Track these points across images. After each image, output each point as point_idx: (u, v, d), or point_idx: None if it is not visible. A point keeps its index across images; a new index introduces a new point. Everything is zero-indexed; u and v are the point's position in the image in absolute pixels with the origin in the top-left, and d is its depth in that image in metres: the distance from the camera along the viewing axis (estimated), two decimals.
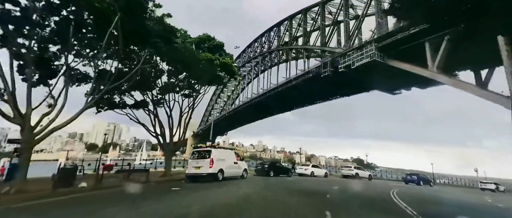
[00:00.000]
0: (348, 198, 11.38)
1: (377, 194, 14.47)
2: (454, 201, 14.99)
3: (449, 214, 9.19)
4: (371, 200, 11.51)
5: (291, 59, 56.47)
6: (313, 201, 9.10)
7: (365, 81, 37.33)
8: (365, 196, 12.86)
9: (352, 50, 34.16)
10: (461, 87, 23.64)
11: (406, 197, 12.36)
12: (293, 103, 59.72)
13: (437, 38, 24.86)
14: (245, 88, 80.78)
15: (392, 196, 12.60)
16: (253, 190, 11.54)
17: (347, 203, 9.66)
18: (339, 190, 14.23)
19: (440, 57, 24.77)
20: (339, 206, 8.38)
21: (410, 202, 10.09)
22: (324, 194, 11.61)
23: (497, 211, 12.12)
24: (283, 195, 10.39)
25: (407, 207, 8.75)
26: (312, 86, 45.52)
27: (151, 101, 19.41)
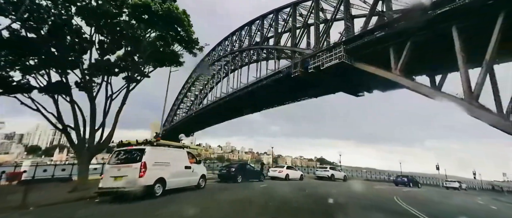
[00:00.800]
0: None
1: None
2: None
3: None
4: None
5: (262, 60, 55.98)
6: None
7: (332, 83, 38.24)
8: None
9: (321, 52, 34.56)
10: (420, 90, 25.05)
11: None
12: (263, 104, 59.17)
13: (401, 43, 26.17)
14: (214, 87, 78.09)
15: (399, 202, 12.13)
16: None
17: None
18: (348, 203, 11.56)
19: (402, 61, 26.04)
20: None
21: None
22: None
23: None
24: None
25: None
26: (282, 86, 45.32)
27: (77, 85, 14.25)
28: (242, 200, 10.05)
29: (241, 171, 18.60)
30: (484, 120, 21.04)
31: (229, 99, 59.03)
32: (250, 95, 53.01)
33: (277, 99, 54.75)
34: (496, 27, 18.94)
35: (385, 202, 12.79)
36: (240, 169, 18.78)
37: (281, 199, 11.06)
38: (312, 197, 12.63)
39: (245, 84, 54.05)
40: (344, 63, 31.06)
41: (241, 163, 22.85)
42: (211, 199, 10.13)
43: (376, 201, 13.29)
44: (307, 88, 44.22)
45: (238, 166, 19.42)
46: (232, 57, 69.14)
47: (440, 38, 24.10)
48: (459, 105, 21.65)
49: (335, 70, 33.31)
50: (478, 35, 20.95)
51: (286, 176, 22.35)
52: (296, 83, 41.41)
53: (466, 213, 11.91)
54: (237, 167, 18.99)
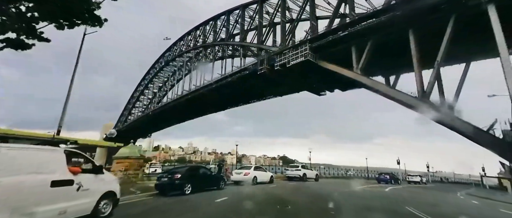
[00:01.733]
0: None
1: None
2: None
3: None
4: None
5: (227, 57, 54.14)
6: None
7: (297, 82, 38.48)
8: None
9: (287, 49, 34.37)
10: (378, 88, 26.29)
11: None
12: (228, 102, 57.24)
13: (362, 42, 27.22)
14: (175, 85, 73.16)
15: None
16: None
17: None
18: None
19: (363, 60, 27.07)
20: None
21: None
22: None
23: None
24: None
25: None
26: (247, 84, 44.16)
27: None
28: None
29: (191, 178, 12.62)
30: (433, 116, 22.82)
31: (191, 97, 55.61)
32: (214, 93, 50.64)
33: (243, 97, 53.49)
34: (448, 30, 20.68)
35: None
36: (189, 175, 12.70)
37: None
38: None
39: (209, 81, 51.49)
40: (309, 61, 31.31)
41: (191, 167, 15.21)
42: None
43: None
44: (273, 87, 43.96)
45: (186, 170, 13.08)
46: (195, 53, 65.64)
47: (397, 41, 25.76)
48: (412, 103, 23.18)
49: (301, 68, 33.48)
50: (431, 39, 22.69)
51: (254, 179, 17.27)
52: (262, 81, 40.70)
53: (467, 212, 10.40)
54: (184, 172, 12.65)
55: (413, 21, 22.63)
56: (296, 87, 41.89)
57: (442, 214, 9.35)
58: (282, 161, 65.69)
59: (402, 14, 22.91)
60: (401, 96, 24.28)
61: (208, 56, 60.73)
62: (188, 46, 68.05)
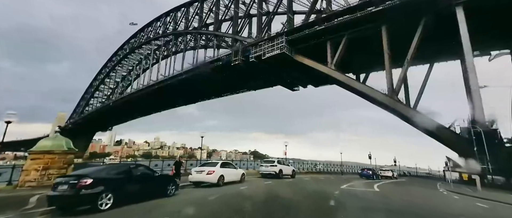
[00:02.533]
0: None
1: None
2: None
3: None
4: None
5: (199, 47, 51.12)
6: None
7: (272, 75, 37.69)
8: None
9: (263, 41, 33.28)
10: (351, 84, 26.60)
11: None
12: (199, 95, 54.43)
13: (337, 38, 27.24)
14: (142, 74, 67.70)
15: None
16: None
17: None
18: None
19: (338, 56, 27.13)
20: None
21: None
22: None
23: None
24: None
25: None
26: (220, 76, 42.15)
27: None
28: None
29: (114, 183, 7.44)
30: (398, 113, 23.64)
31: (158, 88, 51.67)
32: (185, 84, 47.58)
33: (215, 90, 51.22)
34: (418, 30, 21.39)
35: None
36: (111, 178, 7.53)
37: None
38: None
39: (179, 71, 48.21)
40: (285, 54, 30.61)
41: (115, 165, 9.73)
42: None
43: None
44: (247, 80, 42.65)
45: (105, 171, 7.92)
46: (165, 41, 61.20)
47: (369, 40, 26.23)
48: (382, 99, 23.79)
49: (276, 61, 32.68)
50: (401, 40, 23.33)
51: (220, 179, 12.56)
52: (236, 73, 39.09)
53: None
54: (100, 174, 7.46)
55: (386, 17, 23.06)
56: (270, 81, 41.13)
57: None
58: (253, 156, 64.86)
59: (376, 11, 23.17)
60: (372, 93, 24.78)
61: (179, 45, 57.01)
62: (156, 33, 63.16)
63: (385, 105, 25.52)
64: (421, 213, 7.37)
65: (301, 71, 34.96)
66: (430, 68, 28.19)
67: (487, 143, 16.84)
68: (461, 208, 8.68)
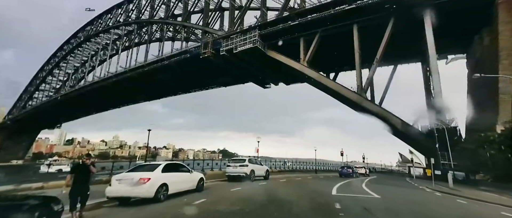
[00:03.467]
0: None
1: None
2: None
3: None
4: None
5: (166, 39, 47.15)
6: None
7: (243, 71, 36.12)
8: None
9: (235, 34, 31.55)
10: (322, 81, 26.43)
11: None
12: (164, 90, 50.32)
13: (311, 34, 26.81)
14: (98, 66, 60.53)
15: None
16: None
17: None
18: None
19: (310, 52, 26.72)
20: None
21: None
22: None
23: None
24: None
25: None
26: (188, 70, 39.24)
27: None
28: None
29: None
30: (366, 109, 23.96)
31: (117, 81, 46.35)
32: (148, 77, 43.36)
33: (182, 85, 47.75)
34: (388, 29, 21.77)
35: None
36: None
37: None
38: None
39: (141, 63, 43.77)
40: (257, 49, 29.29)
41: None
42: None
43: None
44: (217, 75, 40.35)
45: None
46: (126, 31, 55.45)
47: (340, 40, 26.31)
48: (351, 96, 23.92)
49: (248, 56, 31.20)
50: (370, 42, 23.64)
51: (161, 190, 7.38)
52: (204, 67, 36.62)
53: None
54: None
55: (357, 15, 23.19)
56: (241, 77, 39.49)
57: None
58: (222, 155, 62.04)
59: (348, 9, 23.13)
60: (341, 90, 24.80)
61: (143, 36, 52.09)
62: (117, 21, 56.89)
63: (353, 103, 25.80)
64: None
65: (273, 68, 34.05)
66: (394, 70, 29.41)
67: (449, 140, 17.52)
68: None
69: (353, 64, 28.72)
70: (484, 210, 7.44)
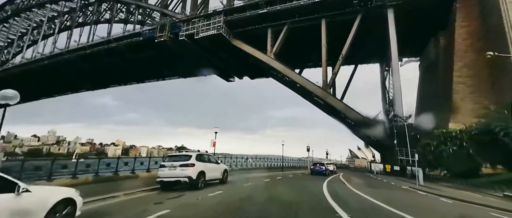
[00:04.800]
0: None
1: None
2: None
3: None
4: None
5: (117, 21, 40.50)
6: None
7: (206, 61, 32.79)
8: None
9: (198, 18, 28.13)
10: (288, 74, 25.06)
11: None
12: (113, 78, 43.44)
13: (279, 26, 25.15)
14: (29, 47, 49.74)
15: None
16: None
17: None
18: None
19: (278, 45, 25.08)
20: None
21: None
22: None
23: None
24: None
25: None
26: (142, 56, 34.19)
27: None
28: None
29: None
30: (332, 103, 23.27)
31: (49, 64, 38.17)
32: (90, 62, 36.59)
33: (135, 74, 41.76)
34: (354, 26, 21.28)
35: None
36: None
37: None
38: None
39: (82, 44, 36.72)
40: (222, 37, 26.45)
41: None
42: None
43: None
44: (176, 64, 36.02)
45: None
46: (67, 9, 46.48)
47: (307, 36, 25.27)
48: (316, 92, 22.98)
49: (211, 44, 28.10)
50: (338, 41, 22.96)
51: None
52: (162, 53, 32.14)
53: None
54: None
55: (326, 9, 22.31)
56: (204, 67, 35.90)
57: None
58: (178, 151, 56.62)
59: (317, 1, 22.05)
60: (307, 84, 23.76)
61: (89, 15, 44.15)
62: None
63: (317, 98, 25.02)
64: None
65: (238, 60, 31.57)
66: (355, 69, 29.73)
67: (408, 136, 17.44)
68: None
69: (317, 61, 28.25)
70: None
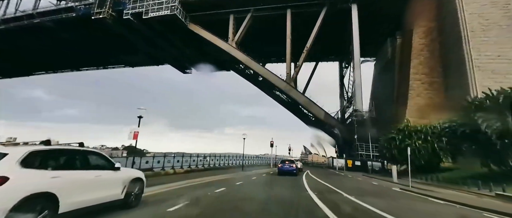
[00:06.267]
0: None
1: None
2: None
3: None
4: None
5: None
6: None
7: (158, 49, 28.20)
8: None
9: None
10: (251, 65, 22.92)
11: None
12: (35, 64, 34.62)
13: (242, 13, 22.61)
14: None
15: None
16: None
17: None
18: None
19: (241, 33, 22.59)
20: None
21: None
22: None
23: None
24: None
25: None
26: (77, 38, 27.66)
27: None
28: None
29: None
30: (294, 96, 21.94)
31: None
32: (7, 42, 28.14)
33: (69, 59, 33.87)
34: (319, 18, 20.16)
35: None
36: None
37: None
38: None
39: None
40: (177, 18, 22.54)
41: None
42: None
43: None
44: (122, 50, 30.17)
45: None
46: None
47: (271, 28, 23.41)
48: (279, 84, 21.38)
49: (164, 27, 23.82)
50: (302, 38, 21.61)
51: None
52: (104, 36, 26.31)
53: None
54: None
55: None
56: (156, 56, 31.03)
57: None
58: (128, 152, 48.08)
59: None
60: (270, 76, 21.96)
61: None
62: None
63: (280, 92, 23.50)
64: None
65: (196, 49, 27.94)
66: (316, 66, 29.26)
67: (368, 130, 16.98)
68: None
69: (280, 56, 26.66)
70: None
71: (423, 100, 16.40)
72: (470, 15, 14.94)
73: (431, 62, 16.94)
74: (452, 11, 15.69)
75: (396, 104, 18.36)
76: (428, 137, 12.16)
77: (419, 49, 17.54)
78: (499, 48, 14.05)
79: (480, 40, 14.35)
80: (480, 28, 14.56)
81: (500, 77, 13.08)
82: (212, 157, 14.88)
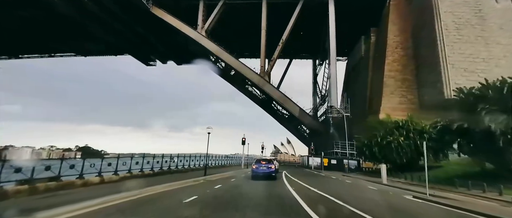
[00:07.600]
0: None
1: None
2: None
3: None
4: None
5: None
6: None
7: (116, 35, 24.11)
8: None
9: None
10: (222, 56, 20.55)
11: None
12: None
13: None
14: None
15: None
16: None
17: None
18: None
19: (211, 21, 20.02)
20: None
21: None
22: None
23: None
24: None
25: None
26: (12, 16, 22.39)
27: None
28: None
29: None
30: (269, 91, 20.16)
31: None
32: None
33: (6, 43, 27.50)
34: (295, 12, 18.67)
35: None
36: None
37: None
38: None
39: None
40: (138, 1, 19.15)
41: None
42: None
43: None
44: (74, 36, 25.25)
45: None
46: None
47: (246, 23, 21.32)
48: (253, 78, 19.39)
49: (121, 9, 20.11)
50: (276, 33, 19.94)
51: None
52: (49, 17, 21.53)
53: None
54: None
55: None
56: (115, 45, 26.64)
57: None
58: (82, 153, 41.24)
59: None
60: (243, 69, 19.89)
61: None
62: None
63: (254, 87, 21.55)
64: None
65: (162, 38, 24.53)
66: (289, 63, 28.00)
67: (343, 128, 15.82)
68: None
69: (254, 51, 24.59)
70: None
71: (397, 98, 15.85)
72: (445, 13, 14.71)
73: (404, 60, 16.54)
74: (428, 8, 15.37)
75: (369, 102, 17.69)
76: (410, 133, 11.12)
77: (394, 46, 17.06)
78: (471, 47, 13.96)
79: (454, 38, 14.15)
80: (454, 27, 14.39)
81: (474, 75, 12.80)
82: (169, 158, 11.43)
